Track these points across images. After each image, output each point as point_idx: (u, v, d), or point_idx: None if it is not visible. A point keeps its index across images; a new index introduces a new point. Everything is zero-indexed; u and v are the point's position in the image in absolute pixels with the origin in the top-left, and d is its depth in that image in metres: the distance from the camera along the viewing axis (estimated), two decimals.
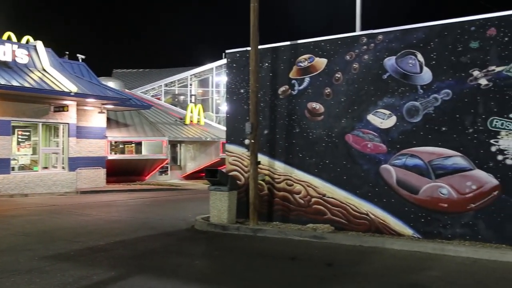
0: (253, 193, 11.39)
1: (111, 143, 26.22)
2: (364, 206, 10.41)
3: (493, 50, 9.20)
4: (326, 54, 11.11)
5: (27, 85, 19.14)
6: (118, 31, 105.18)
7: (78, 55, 25.67)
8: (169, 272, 7.46)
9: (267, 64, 11.98)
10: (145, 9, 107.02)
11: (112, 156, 25.79)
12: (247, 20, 11.55)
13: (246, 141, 11.80)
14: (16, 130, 20.44)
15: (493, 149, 9.13)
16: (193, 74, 41.94)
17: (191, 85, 42.27)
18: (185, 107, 33.93)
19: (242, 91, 12.38)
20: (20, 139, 20.65)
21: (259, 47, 11.66)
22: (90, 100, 22.04)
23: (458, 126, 9.46)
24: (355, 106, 10.67)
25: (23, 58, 20.47)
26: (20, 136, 20.66)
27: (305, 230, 10.62)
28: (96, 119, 24.02)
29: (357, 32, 12.13)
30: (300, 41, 11.59)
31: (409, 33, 10.08)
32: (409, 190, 9.90)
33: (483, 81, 9.27)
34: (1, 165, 19.33)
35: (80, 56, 25.59)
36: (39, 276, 7.05)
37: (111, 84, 28.99)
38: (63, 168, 21.69)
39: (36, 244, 9.40)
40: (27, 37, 21.66)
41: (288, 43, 11.75)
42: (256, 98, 11.50)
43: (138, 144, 27.27)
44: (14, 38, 21.06)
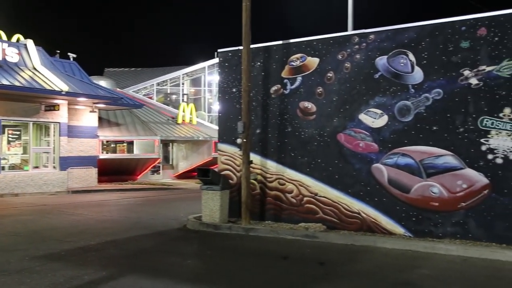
0: (245, 192, 11.39)
1: (102, 142, 26.11)
2: (356, 205, 10.45)
3: (483, 49, 9.26)
4: (318, 53, 11.13)
5: (17, 84, 18.99)
6: (110, 30, 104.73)
7: (69, 54, 25.48)
8: (161, 271, 7.44)
9: (259, 63, 11.98)
10: (137, 8, 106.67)
11: (103, 156, 25.69)
12: (239, 19, 11.55)
13: (238, 140, 11.81)
14: (6, 129, 20.26)
15: (484, 148, 9.20)
16: (185, 73, 41.81)
17: (183, 84, 42.14)
18: (177, 106, 33.84)
19: (234, 90, 12.38)
20: (10, 138, 20.47)
21: (252, 46, 11.66)
22: (82, 99, 21.92)
23: (449, 125, 9.52)
24: (347, 106, 10.70)
25: (14, 56, 20.33)
26: (10, 135, 20.47)
27: (297, 229, 10.64)
28: (87, 118, 23.89)
29: (349, 32, 12.17)
30: (292, 41, 11.60)
31: (401, 32, 10.13)
32: (401, 189, 9.94)
33: (474, 81, 9.33)
34: None
35: (71, 55, 25.39)
36: (30, 276, 7.01)
37: (102, 83, 28.86)
38: (54, 167, 21.56)
39: (27, 244, 9.34)
40: (17, 35, 21.46)
41: (280, 42, 11.76)
42: (248, 97, 11.50)
43: (130, 143, 27.16)
44: (4, 37, 20.86)
